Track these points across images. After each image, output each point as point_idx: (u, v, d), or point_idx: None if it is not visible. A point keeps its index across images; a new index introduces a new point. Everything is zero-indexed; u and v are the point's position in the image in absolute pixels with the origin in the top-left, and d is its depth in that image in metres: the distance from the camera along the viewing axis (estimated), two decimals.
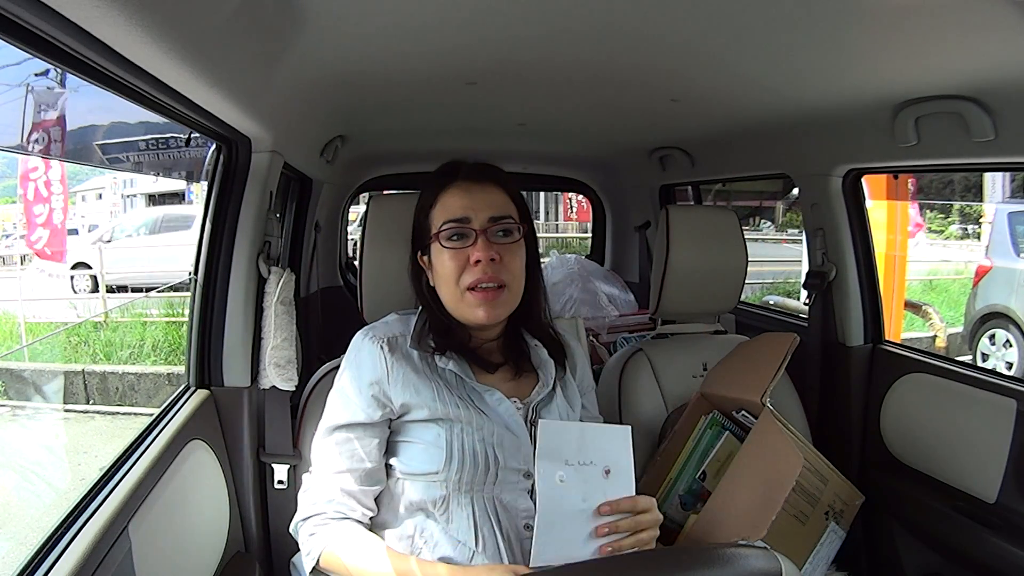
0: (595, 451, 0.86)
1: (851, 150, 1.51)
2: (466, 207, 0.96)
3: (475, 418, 0.94)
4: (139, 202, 14.78)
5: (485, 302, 0.95)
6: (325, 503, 0.96)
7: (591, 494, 0.85)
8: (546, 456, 0.85)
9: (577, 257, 2.80)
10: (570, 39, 1.02)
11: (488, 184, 0.99)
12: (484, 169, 1.01)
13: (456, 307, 0.97)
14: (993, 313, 4.97)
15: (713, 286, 1.45)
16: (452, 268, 0.95)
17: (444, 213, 0.97)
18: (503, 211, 0.97)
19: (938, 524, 1.35)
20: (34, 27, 0.60)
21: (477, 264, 0.94)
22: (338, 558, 0.94)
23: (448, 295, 0.97)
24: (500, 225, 0.96)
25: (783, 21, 0.92)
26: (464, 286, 0.95)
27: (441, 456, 0.92)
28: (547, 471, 0.84)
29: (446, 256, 0.96)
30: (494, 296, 0.95)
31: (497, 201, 0.98)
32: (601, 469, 0.85)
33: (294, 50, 0.98)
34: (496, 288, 0.95)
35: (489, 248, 0.94)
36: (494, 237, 0.96)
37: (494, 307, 0.95)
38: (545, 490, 0.84)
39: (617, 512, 0.86)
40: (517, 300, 0.99)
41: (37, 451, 4.14)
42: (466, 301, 0.96)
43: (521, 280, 0.99)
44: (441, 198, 0.99)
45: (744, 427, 1.30)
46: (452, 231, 0.96)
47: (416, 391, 0.94)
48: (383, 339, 0.98)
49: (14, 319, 5.84)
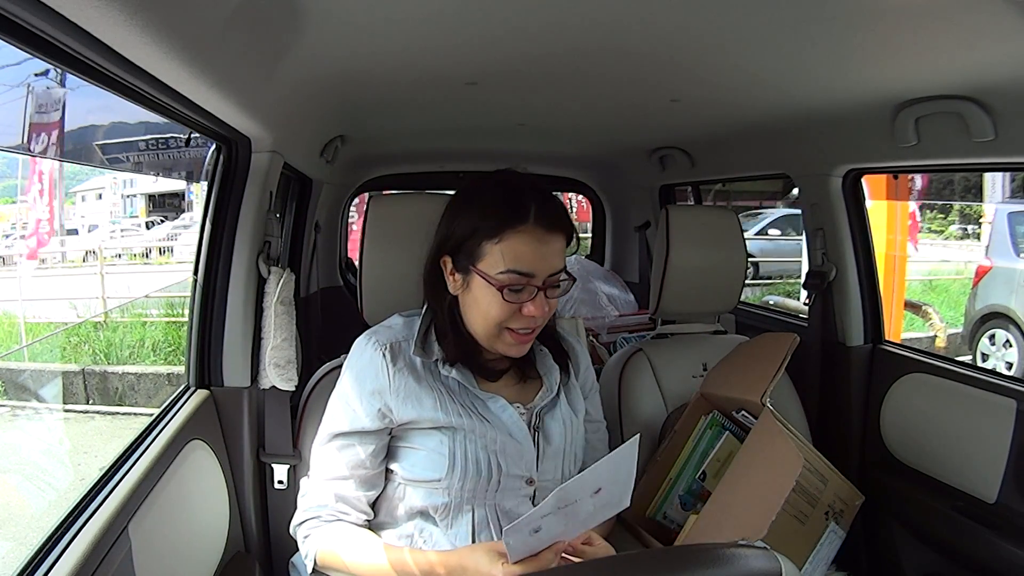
0: (605, 479, 0.83)
1: (851, 150, 1.51)
2: (535, 262, 0.90)
3: (478, 426, 0.93)
4: (139, 202, 14.78)
5: (521, 344, 0.95)
6: (319, 507, 0.97)
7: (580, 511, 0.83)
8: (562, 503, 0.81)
9: (577, 257, 2.80)
10: (570, 39, 1.02)
11: (558, 235, 0.93)
12: (556, 214, 0.93)
13: (488, 339, 0.95)
14: (993, 313, 4.97)
15: (713, 286, 1.45)
16: (500, 313, 0.91)
17: (511, 260, 0.90)
18: (562, 263, 0.94)
19: (938, 524, 1.35)
20: (34, 27, 0.59)
21: (529, 316, 0.92)
22: (334, 555, 0.94)
23: (482, 328, 0.94)
24: (556, 279, 0.93)
25: (783, 21, 0.92)
26: (505, 326, 0.93)
27: (444, 464, 0.92)
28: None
29: (497, 301, 0.91)
30: (530, 338, 0.95)
31: (559, 254, 0.93)
32: (604, 491, 0.83)
33: (294, 50, 0.98)
34: (535, 330, 0.95)
35: (545, 304, 0.92)
36: (550, 293, 0.93)
37: (527, 345, 0.96)
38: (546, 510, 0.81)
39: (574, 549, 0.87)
40: None
41: (37, 451, 4.14)
42: (504, 340, 0.94)
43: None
44: (508, 238, 0.90)
45: (744, 427, 1.30)
46: (516, 283, 0.90)
47: (418, 401, 0.94)
48: (386, 346, 0.96)
49: (14, 319, 5.84)
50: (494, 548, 0.84)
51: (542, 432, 0.98)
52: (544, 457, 0.97)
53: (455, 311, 0.97)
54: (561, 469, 0.99)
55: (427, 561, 0.88)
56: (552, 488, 0.96)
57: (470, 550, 0.87)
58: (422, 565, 0.88)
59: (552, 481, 0.97)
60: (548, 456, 0.97)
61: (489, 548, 0.85)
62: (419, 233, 1.02)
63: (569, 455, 1.00)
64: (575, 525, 0.84)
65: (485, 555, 0.84)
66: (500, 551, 0.83)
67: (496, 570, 0.82)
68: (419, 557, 0.89)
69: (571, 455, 1.00)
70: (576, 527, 0.85)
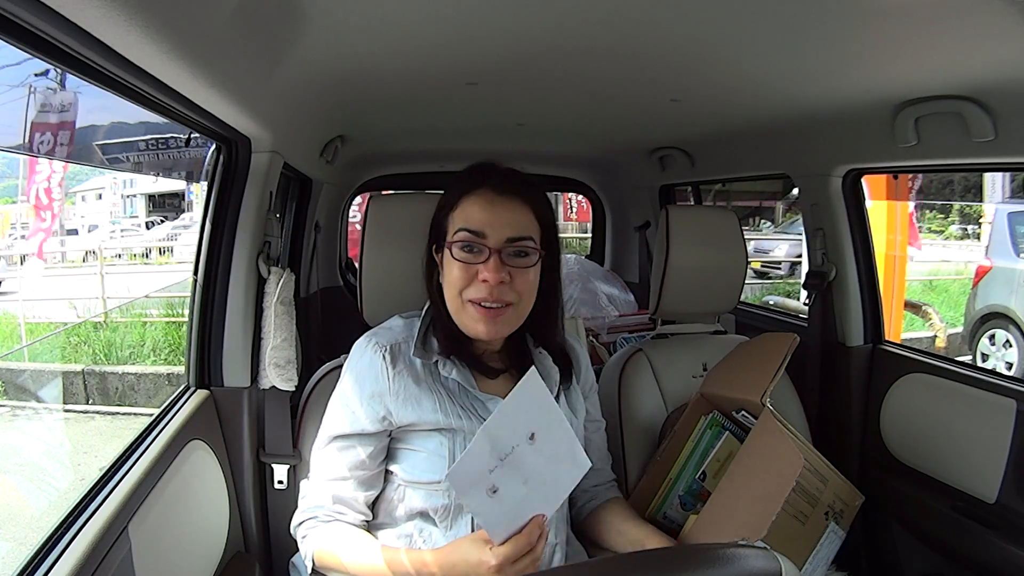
0: (527, 419, 0.81)
1: (851, 150, 1.51)
2: (485, 221, 0.91)
3: (477, 427, 0.93)
4: (139, 202, 14.78)
5: (486, 319, 0.92)
6: (316, 508, 0.98)
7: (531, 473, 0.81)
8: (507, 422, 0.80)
9: (577, 257, 2.80)
10: (570, 39, 1.02)
11: (513, 199, 0.93)
12: (513, 179, 0.95)
13: (457, 316, 0.95)
14: (993, 313, 4.97)
15: (713, 286, 1.45)
16: (457, 279, 0.92)
17: (461, 220, 0.93)
18: (523, 231, 0.92)
19: (938, 524, 1.35)
20: (34, 27, 0.60)
21: (484, 283, 0.90)
22: (331, 555, 0.95)
23: (450, 301, 0.95)
24: (517, 246, 0.92)
25: (783, 21, 0.92)
26: (467, 298, 0.92)
27: (443, 466, 0.92)
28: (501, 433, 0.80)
29: (455, 265, 0.92)
30: (496, 315, 0.92)
31: (520, 220, 0.93)
32: (542, 439, 0.81)
33: (294, 50, 0.98)
34: (500, 307, 0.92)
35: (500, 270, 0.90)
36: (508, 258, 0.91)
37: (495, 325, 0.92)
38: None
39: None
40: (523, 318, 0.96)
41: (37, 451, 4.14)
42: (467, 313, 0.93)
43: (530, 299, 0.95)
44: (463, 202, 0.94)
45: (744, 427, 1.30)
46: (464, 242, 0.92)
47: (418, 403, 0.94)
48: (386, 348, 0.96)
49: (14, 319, 5.84)
50: (478, 537, 0.84)
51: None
52: None
53: (443, 299, 0.98)
54: None
55: (422, 561, 0.88)
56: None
57: (457, 544, 0.87)
58: (417, 565, 0.89)
59: None
60: None
61: (474, 538, 0.85)
62: (419, 233, 1.03)
63: None
64: (540, 491, 0.83)
65: (472, 545, 0.84)
66: (485, 538, 0.83)
67: (486, 555, 0.81)
68: (414, 556, 0.90)
69: None
70: (545, 495, 0.84)
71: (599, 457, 1.13)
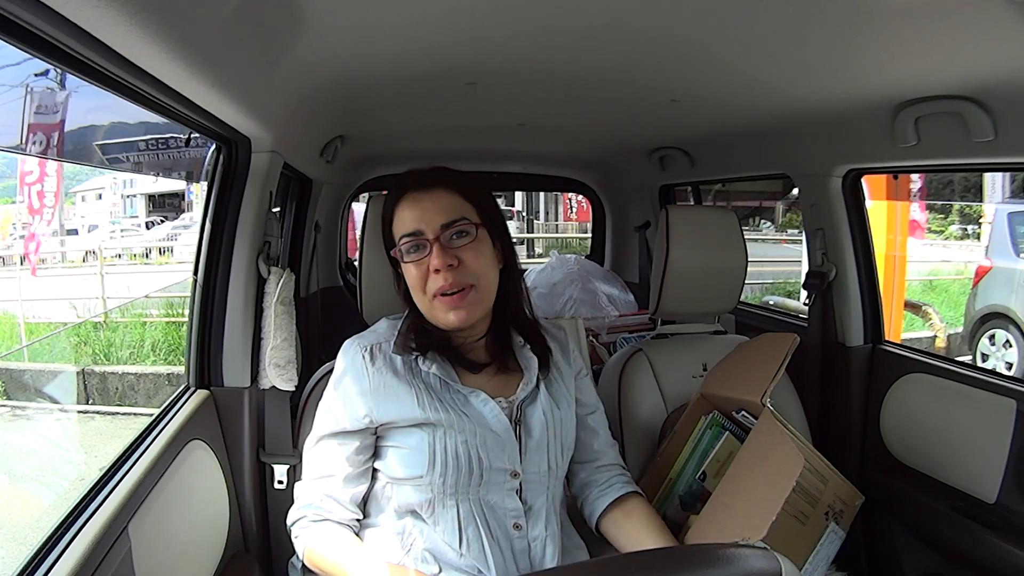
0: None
1: (851, 150, 1.51)
2: (417, 219, 0.96)
3: (457, 421, 0.94)
4: (139, 202, 14.79)
5: (453, 307, 0.95)
6: (306, 507, 0.99)
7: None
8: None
9: (577, 257, 2.80)
10: (570, 39, 1.02)
11: (436, 190, 0.98)
12: (430, 175, 1.00)
13: (429, 314, 0.98)
14: (993, 313, 4.97)
15: (713, 286, 1.45)
16: (416, 277, 0.97)
17: (400, 227, 0.98)
18: (454, 214, 0.96)
19: (938, 524, 1.35)
20: (34, 27, 0.59)
21: (437, 272, 0.94)
22: (319, 555, 0.96)
23: (420, 303, 0.98)
24: (453, 229, 0.96)
25: (783, 21, 0.92)
26: (431, 293, 0.96)
27: (424, 461, 0.93)
28: None
29: (411, 267, 0.97)
30: (460, 299, 0.95)
31: (447, 205, 0.97)
32: None
33: (294, 50, 0.98)
34: (461, 291, 0.95)
35: (445, 255, 0.94)
36: (448, 243, 0.95)
37: (463, 309, 0.95)
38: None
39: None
40: (489, 297, 0.99)
41: (37, 451, 4.14)
42: (436, 307, 0.96)
43: (489, 276, 0.99)
44: (396, 212, 0.99)
45: (744, 427, 1.30)
46: (408, 244, 0.97)
47: (397, 399, 0.95)
48: (366, 348, 0.99)
49: (14, 319, 5.84)
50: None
51: (523, 425, 0.99)
52: (527, 450, 0.98)
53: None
54: (547, 461, 0.99)
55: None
56: (537, 480, 0.98)
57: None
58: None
59: (537, 474, 0.98)
60: (531, 449, 0.98)
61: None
62: None
63: (554, 447, 1.00)
64: None
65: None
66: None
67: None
68: (393, 572, 0.92)
69: (556, 447, 1.01)
70: None
71: (600, 440, 1.12)
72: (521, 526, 0.96)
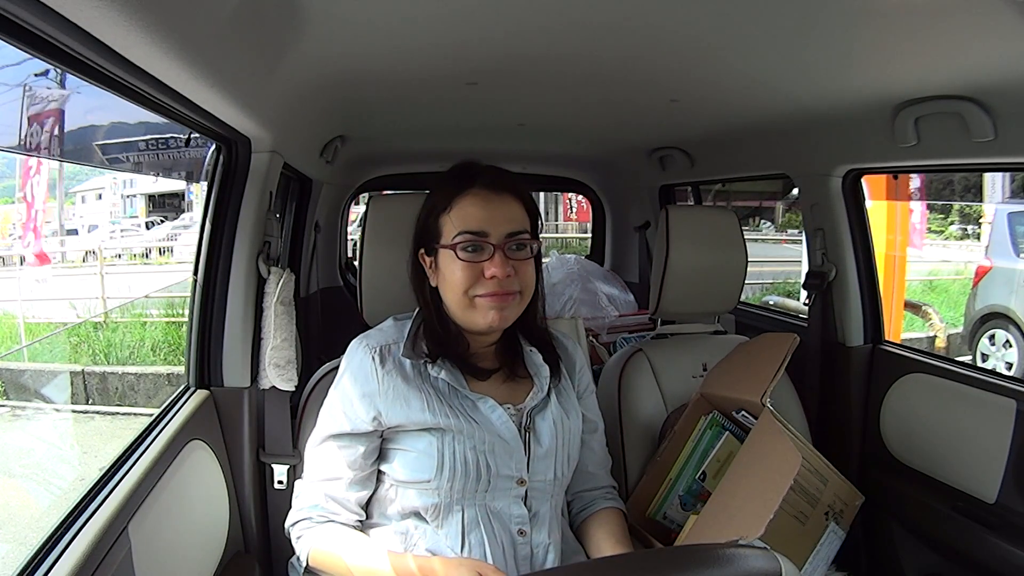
0: None
1: (851, 150, 1.51)
2: (484, 220, 0.93)
3: (466, 427, 0.94)
4: (139, 202, 14.78)
5: (496, 306, 0.93)
6: (311, 508, 0.98)
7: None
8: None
9: (577, 257, 2.80)
10: (570, 39, 1.02)
11: (506, 195, 0.96)
12: (503, 178, 0.98)
13: (463, 313, 0.96)
14: (993, 313, 4.97)
15: (713, 286, 1.45)
16: (463, 278, 0.93)
17: (460, 222, 0.94)
18: (520, 226, 0.96)
19: (938, 524, 1.35)
20: (34, 27, 0.59)
21: (492, 279, 0.92)
22: (327, 555, 0.95)
23: (455, 302, 0.96)
24: (516, 240, 0.95)
25: (783, 21, 0.92)
26: (473, 295, 0.94)
27: (433, 465, 0.93)
28: None
29: (458, 266, 0.94)
30: (505, 302, 0.94)
31: (515, 215, 0.96)
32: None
33: (294, 50, 0.98)
34: (508, 294, 0.94)
35: (506, 264, 0.93)
36: (510, 252, 0.94)
37: (504, 310, 0.94)
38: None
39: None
40: (524, 307, 0.99)
41: (36, 451, 4.14)
42: (476, 306, 0.94)
43: (531, 289, 0.98)
44: (457, 204, 0.95)
45: (744, 427, 1.30)
46: (468, 243, 0.93)
47: (406, 403, 0.94)
48: (375, 349, 0.98)
49: (13, 319, 5.84)
50: (475, 567, 0.87)
51: (533, 433, 0.98)
52: (535, 458, 0.97)
53: (438, 301, 0.99)
54: (553, 470, 0.99)
55: (430, 568, 0.89)
56: (543, 488, 0.97)
57: (455, 565, 0.88)
58: (426, 571, 0.89)
59: (543, 482, 0.98)
60: (539, 457, 0.97)
61: (471, 566, 0.87)
62: None
63: (561, 456, 1.00)
64: None
65: (467, 572, 0.86)
66: (480, 571, 0.86)
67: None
68: (423, 563, 0.90)
69: (563, 456, 1.00)
70: None
71: (595, 462, 1.12)
72: (525, 532, 0.96)
